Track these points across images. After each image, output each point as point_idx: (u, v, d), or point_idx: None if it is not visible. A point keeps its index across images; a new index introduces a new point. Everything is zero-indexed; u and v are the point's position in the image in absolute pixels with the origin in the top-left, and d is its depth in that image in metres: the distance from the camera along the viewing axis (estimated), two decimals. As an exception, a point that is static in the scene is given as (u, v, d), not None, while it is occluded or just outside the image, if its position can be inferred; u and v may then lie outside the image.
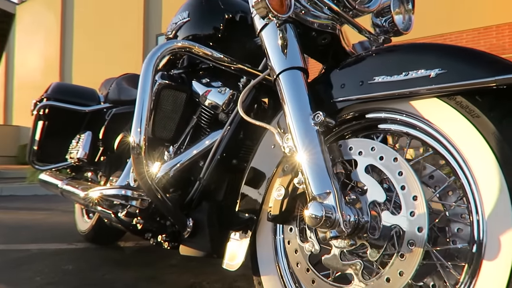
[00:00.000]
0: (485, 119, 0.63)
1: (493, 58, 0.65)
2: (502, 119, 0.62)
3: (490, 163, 0.62)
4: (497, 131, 0.62)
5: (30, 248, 2.00)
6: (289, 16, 0.88)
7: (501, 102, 0.64)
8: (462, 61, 0.66)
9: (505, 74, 0.60)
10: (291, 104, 0.82)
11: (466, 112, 0.65)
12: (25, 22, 21.27)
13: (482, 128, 0.63)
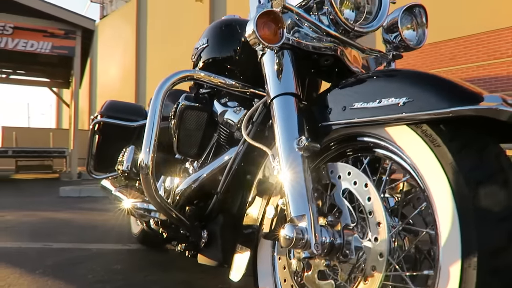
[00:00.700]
0: (445, 149, 0.63)
1: (456, 87, 0.65)
2: (460, 150, 0.62)
3: (446, 194, 0.62)
4: (454, 162, 0.62)
5: (91, 248, 2.24)
6: (284, 43, 0.94)
7: (461, 132, 0.64)
8: (427, 90, 0.67)
9: (463, 105, 0.60)
10: (279, 129, 0.87)
11: (429, 141, 0.66)
12: (105, 35, 23.20)
13: (441, 158, 0.64)
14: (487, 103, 0.59)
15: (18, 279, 1.67)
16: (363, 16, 1.04)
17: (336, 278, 0.76)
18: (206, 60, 1.31)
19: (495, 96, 0.60)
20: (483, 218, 0.58)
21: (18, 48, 9.06)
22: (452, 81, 0.67)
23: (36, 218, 3.44)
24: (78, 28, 9.54)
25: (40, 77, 14.57)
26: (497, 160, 0.62)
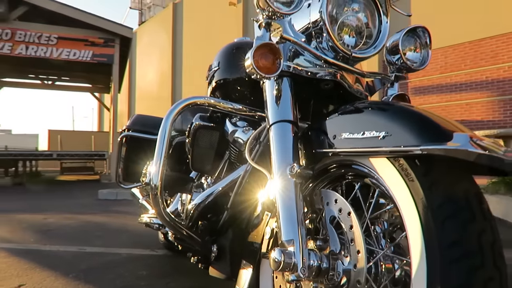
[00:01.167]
0: (417, 184, 0.66)
1: (431, 124, 0.68)
2: (431, 186, 0.65)
3: (417, 228, 0.65)
4: (424, 198, 0.65)
5: (121, 252, 2.38)
6: (283, 71, 0.99)
7: (434, 169, 0.66)
8: (404, 126, 0.70)
9: (433, 144, 0.63)
10: (275, 155, 0.92)
11: (404, 175, 0.69)
12: (144, 41, 23.96)
13: (414, 193, 0.67)
14: (455, 144, 0.62)
15: (53, 282, 1.82)
16: (363, 41, 1.07)
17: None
18: (218, 82, 1.38)
19: (464, 135, 0.63)
20: (447, 254, 0.61)
21: (62, 57, 9.57)
22: (429, 118, 0.70)
23: (75, 221, 3.66)
24: (117, 37, 9.94)
25: (83, 83, 15.28)
26: (465, 197, 0.64)
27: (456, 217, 0.62)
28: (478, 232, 0.62)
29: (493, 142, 0.64)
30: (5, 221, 3.67)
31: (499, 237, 0.64)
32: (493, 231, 0.63)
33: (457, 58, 9.61)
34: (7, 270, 2.01)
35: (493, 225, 0.64)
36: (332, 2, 1.02)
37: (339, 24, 1.05)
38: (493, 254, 0.61)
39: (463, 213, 0.63)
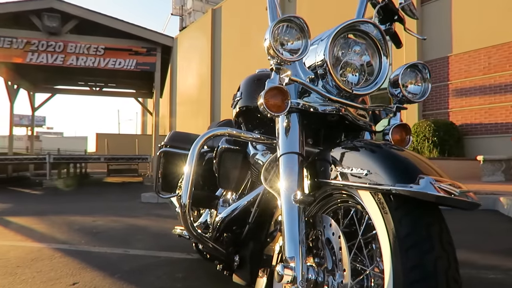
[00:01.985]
0: (389, 216, 0.80)
1: (403, 165, 0.81)
2: (400, 219, 0.78)
3: (388, 255, 0.78)
4: (394, 228, 0.78)
5: (160, 256, 2.62)
6: (292, 107, 1.14)
7: (403, 205, 0.79)
8: (382, 166, 0.83)
9: (400, 185, 0.77)
10: (282, 182, 1.08)
11: (381, 208, 0.83)
12: (184, 46, 24.69)
13: (387, 223, 0.80)
14: (418, 185, 0.75)
15: (102, 281, 2.07)
16: (364, 78, 1.21)
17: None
18: (241, 109, 1.55)
19: (427, 179, 0.76)
20: (408, 277, 0.74)
21: (109, 66, 10.16)
22: (405, 160, 0.84)
23: (120, 224, 3.98)
24: (158, 45, 10.41)
25: (127, 89, 16.03)
26: (427, 230, 0.77)
27: (417, 247, 0.75)
28: (434, 259, 0.74)
29: (451, 184, 0.77)
30: (60, 222, 4.05)
31: (455, 263, 0.76)
32: (449, 259, 0.76)
33: (501, 58, 9.26)
34: (63, 269, 2.29)
35: (449, 253, 0.77)
36: (336, 45, 1.17)
37: (343, 63, 1.19)
38: (446, 278, 0.74)
39: (424, 244, 0.76)
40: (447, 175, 0.85)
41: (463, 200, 0.76)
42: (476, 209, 0.78)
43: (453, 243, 0.80)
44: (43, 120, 42.27)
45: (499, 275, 2.07)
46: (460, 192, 0.76)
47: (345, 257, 0.90)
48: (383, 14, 1.74)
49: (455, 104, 10.27)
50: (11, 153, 13.45)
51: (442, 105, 10.56)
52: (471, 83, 9.90)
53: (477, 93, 9.80)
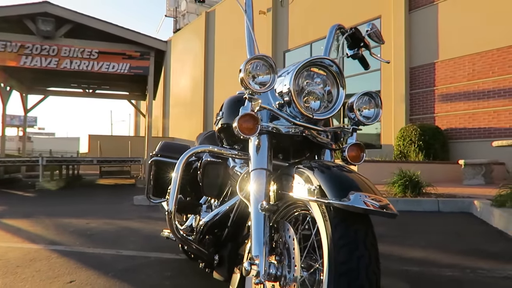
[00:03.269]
0: (328, 223, 1.01)
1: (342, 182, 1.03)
2: (336, 225, 1.00)
3: (326, 253, 1.00)
4: (331, 233, 1.00)
5: (150, 256, 2.81)
6: (262, 130, 1.35)
7: (339, 214, 1.01)
8: (326, 182, 1.04)
9: (335, 200, 0.98)
10: (252, 194, 1.29)
11: (323, 216, 1.04)
12: (178, 49, 24.84)
13: (327, 229, 1.01)
14: (349, 200, 0.97)
15: (97, 279, 2.26)
16: (325, 105, 1.42)
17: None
18: (222, 126, 1.75)
19: (357, 194, 0.98)
20: (338, 270, 0.95)
21: (102, 70, 10.32)
22: (344, 178, 1.05)
23: (113, 226, 4.17)
24: (152, 50, 10.59)
25: (121, 91, 16.14)
26: (354, 234, 0.98)
27: (346, 247, 0.97)
28: (358, 257, 0.96)
29: (376, 198, 0.99)
30: (55, 225, 4.22)
31: (376, 260, 0.98)
32: (370, 257, 0.97)
33: (485, 65, 9.58)
34: (60, 269, 2.48)
35: (371, 252, 0.98)
36: (300, 77, 1.38)
37: (307, 92, 1.41)
38: (366, 272, 0.95)
39: (351, 245, 0.97)
40: (378, 191, 1.07)
41: (384, 212, 0.97)
42: (394, 218, 1.00)
43: (376, 245, 1.01)
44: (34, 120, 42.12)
45: (457, 273, 2.29)
46: (381, 205, 0.97)
47: (297, 256, 1.11)
48: (351, 41, 1.98)
49: (441, 109, 10.58)
50: (3, 155, 13.52)
51: (428, 110, 10.86)
52: (456, 88, 10.22)
53: (461, 99, 10.11)
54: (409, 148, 9.75)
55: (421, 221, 4.20)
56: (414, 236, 3.48)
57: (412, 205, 5.01)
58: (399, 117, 11.21)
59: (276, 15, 16.33)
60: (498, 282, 2.14)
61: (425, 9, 10.98)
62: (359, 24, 12.71)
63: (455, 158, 9.21)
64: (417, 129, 9.71)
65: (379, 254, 1.02)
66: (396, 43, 11.37)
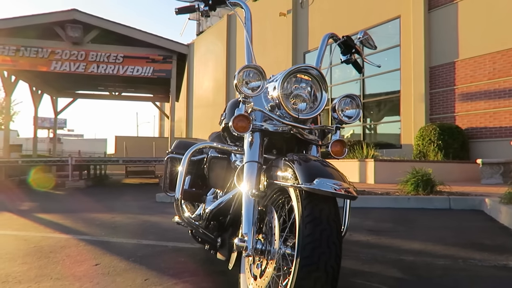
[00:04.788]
0: (300, 204, 1.23)
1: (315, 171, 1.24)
2: (306, 205, 1.21)
3: (298, 229, 1.21)
4: (301, 211, 1.21)
5: (168, 245, 3.08)
6: (254, 128, 1.58)
7: (309, 196, 1.22)
8: (302, 171, 1.25)
9: (305, 184, 1.19)
10: (245, 182, 1.52)
11: (297, 199, 1.25)
12: (201, 51, 25.33)
13: (298, 209, 1.22)
14: (316, 184, 1.18)
15: (119, 263, 2.53)
16: (310, 106, 1.63)
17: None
18: (225, 125, 1.99)
19: (324, 180, 1.19)
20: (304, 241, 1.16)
21: (127, 73, 10.76)
22: (317, 167, 1.26)
23: (135, 220, 4.48)
24: (174, 53, 10.97)
25: (145, 93, 16.66)
26: (319, 212, 1.19)
27: (311, 223, 1.18)
28: (320, 230, 1.17)
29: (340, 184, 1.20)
30: (83, 219, 4.57)
31: (336, 233, 1.18)
32: (332, 230, 1.18)
33: (506, 64, 9.47)
34: (87, 254, 2.77)
35: (332, 227, 1.19)
36: (288, 82, 1.60)
37: (294, 95, 1.62)
38: (327, 242, 1.16)
39: (315, 220, 1.18)
40: (346, 179, 1.28)
41: (344, 194, 1.18)
42: (354, 200, 1.20)
43: (338, 221, 1.22)
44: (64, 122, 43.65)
45: (448, 262, 2.44)
46: (342, 188, 1.18)
47: (277, 233, 1.34)
48: (344, 48, 2.18)
49: (461, 108, 10.50)
50: (35, 155, 14.23)
51: (448, 109, 10.80)
52: (477, 87, 10.13)
53: (482, 98, 10.02)
54: (428, 148, 9.74)
55: (429, 218, 4.31)
56: (417, 231, 3.62)
57: (423, 203, 5.11)
58: (418, 117, 11.18)
59: (296, 16, 16.49)
60: (484, 270, 2.29)
61: (444, 8, 10.92)
62: (378, 25, 12.76)
63: (475, 157, 9.14)
64: (436, 129, 9.70)
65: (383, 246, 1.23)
66: (415, 43, 11.35)
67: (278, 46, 17.09)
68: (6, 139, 12.40)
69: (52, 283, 2.10)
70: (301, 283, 1.13)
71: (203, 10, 2.07)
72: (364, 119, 13.56)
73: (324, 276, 1.13)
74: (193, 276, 2.21)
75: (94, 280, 2.15)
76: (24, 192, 8.49)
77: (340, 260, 1.18)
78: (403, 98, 11.80)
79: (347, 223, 1.74)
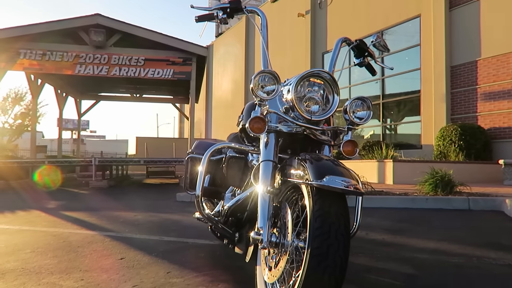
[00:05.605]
0: (311, 199, 1.31)
1: (325, 169, 1.32)
2: (316, 201, 1.29)
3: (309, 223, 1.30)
4: (312, 206, 1.29)
5: (188, 241, 3.20)
6: (269, 129, 1.67)
7: (319, 192, 1.30)
8: (313, 169, 1.34)
9: (315, 181, 1.28)
10: (261, 180, 1.61)
11: (308, 194, 1.34)
12: (219, 53, 25.57)
13: (309, 204, 1.31)
14: (325, 181, 1.26)
15: (142, 257, 2.67)
16: (322, 108, 1.72)
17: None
18: (242, 128, 2.09)
19: (333, 177, 1.27)
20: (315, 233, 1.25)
21: (148, 76, 11.02)
22: (327, 165, 1.34)
23: (157, 219, 4.63)
24: (193, 56, 11.17)
25: (166, 95, 16.95)
26: (328, 207, 1.27)
27: (321, 217, 1.26)
28: (329, 224, 1.25)
29: (348, 181, 1.28)
30: (107, 216, 4.76)
31: (344, 226, 1.26)
32: (339, 224, 1.26)
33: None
34: (112, 249, 2.92)
35: (340, 221, 1.27)
36: (302, 86, 1.69)
37: (308, 98, 1.71)
38: (336, 234, 1.24)
39: (325, 215, 1.26)
40: (354, 177, 1.36)
41: (352, 190, 1.27)
42: (361, 196, 1.29)
43: (346, 216, 1.30)
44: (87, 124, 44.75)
45: (462, 260, 2.48)
46: (349, 185, 1.27)
47: (290, 227, 1.43)
48: (357, 51, 2.26)
49: (484, 108, 10.33)
50: (60, 156, 14.69)
51: (470, 109, 10.63)
52: (500, 87, 9.94)
53: (505, 97, 9.83)
54: (449, 148, 9.62)
55: (447, 218, 4.31)
56: (434, 230, 3.64)
57: (442, 203, 5.09)
58: (439, 117, 11.05)
59: (315, 17, 16.49)
60: (498, 268, 2.32)
61: (466, 6, 10.76)
62: (398, 24, 12.66)
63: (498, 158, 8.98)
64: (457, 129, 9.57)
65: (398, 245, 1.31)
66: (436, 42, 11.22)
67: (297, 46, 17.14)
68: (33, 140, 12.86)
69: (82, 274, 2.24)
70: (312, 272, 1.22)
71: (222, 18, 2.18)
72: (384, 119, 13.47)
73: (333, 265, 1.22)
74: (212, 270, 2.32)
75: (120, 273, 2.28)
76: (50, 192, 8.81)
77: (348, 252, 1.26)
78: (424, 98, 11.67)
79: (359, 220, 1.80)
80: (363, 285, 2.05)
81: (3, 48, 10.47)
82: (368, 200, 5.33)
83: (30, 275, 2.25)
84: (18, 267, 2.42)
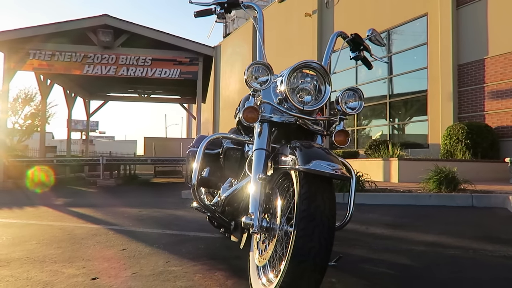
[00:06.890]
0: (299, 183, 1.35)
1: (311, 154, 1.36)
2: (303, 184, 1.33)
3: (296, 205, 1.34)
4: (299, 189, 1.34)
5: (190, 234, 3.26)
6: (262, 119, 1.72)
7: (306, 176, 1.35)
8: (301, 155, 1.39)
9: (303, 166, 1.32)
10: (253, 168, 1.66)
11: (296, 179, 1.38)
12: (227, 53, 25.66)
13: (297, 187, 1.35)
14: (311, 165, 1.31)
15: (144, 248, 2.73)
16: (314, 98, 1.76)
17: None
18: (239, 120, 2.14)
19: (319, 162, 1.32)
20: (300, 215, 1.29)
21: (155, 75, 11.12)
22: (313, 152, 1.38)
23: (161, 214, 4.70)
24: (200, 55, 11.25)
25: (173, 95, 17.08)
26: (314, 191, 1.32)
27: (307, 199, 1.30)
28: (315, 206, 1.29)
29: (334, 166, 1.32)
30: (112, 212, 4.84)
31: (330, 209, 1.30)
32: (325, 206, 1.30)
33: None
34: (115, 241, 2.99)
35: (326, 203, 1.31)
36: (294, 77, 1.73)
37: (300, 88, 1.75)
38: (321, 217, 1.28)
39: (311, 197, 1.31)
40: (340, 163, 1.40)
41: (338, 174, 1.31)
42: (346, 180, 1.33)
43: (332, 199, 1.34)
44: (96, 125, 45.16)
45: (458, 252, 2.50)
46: (335, 170, 1.31)
47: (279, 212, 1.48)
48: (352, 45, 2.29)
49: (491, 106, 10.26)
50: (69, 156, 14.87)
51: (477, 108, 10.56)
52: (507, 85, 9.87)
53: (513, 95, 9.75)
54: (456, 147, 9.57)
55: (449, 214, 4.32)
56: (434, 225, 3.65)
57: (445, 200, 5.09)
58: (446, 116, 10.99)
59: (322, 16, 16.50)
60: (493, 259, 2.34)
61: (473, 4, 10.70)
62: (405, 23, 12.62)
63: (506, 156, 8.92)
64: (464, 128, 9.52)
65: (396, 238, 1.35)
66: (443, 40, 11.17)
67: (304, 46, 17.16)
68: (42, 140, 13.06)
69: (84, 263, 2.31)
70: (298, 252, 1.26)
71: (219, 13, 2.24)
72: (391, 118, 13.43)
73: (318, 245, 1.26)
74: (210, 259, 2.38)
75: (120, 262, 2.35)
76: (59, 189, 8.94)
77: (333, 233, 1.31)
78: (431, 97, 11.62)
79: (351, 209, 1.82)
80: (357, 273, 2.09)
81: (14, 49, 10.66)
82: (371, 197, 5.35)
83: (34, 263, 2.32)
84: (23, 256, 2.49)
